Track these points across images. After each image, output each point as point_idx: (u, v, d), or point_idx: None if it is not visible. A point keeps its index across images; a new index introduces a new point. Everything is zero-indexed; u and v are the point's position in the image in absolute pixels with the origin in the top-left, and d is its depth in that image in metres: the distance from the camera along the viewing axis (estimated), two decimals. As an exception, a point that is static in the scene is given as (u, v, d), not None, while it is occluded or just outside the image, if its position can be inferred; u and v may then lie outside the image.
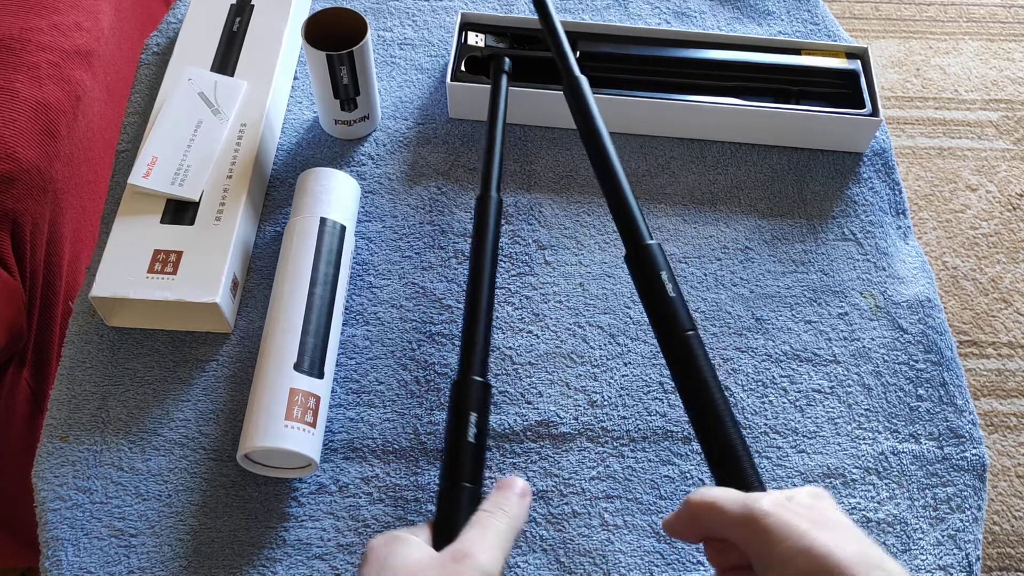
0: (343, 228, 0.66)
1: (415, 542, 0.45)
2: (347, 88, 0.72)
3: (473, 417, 0.49)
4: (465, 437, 0.49)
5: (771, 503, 0.43)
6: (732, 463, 0.48)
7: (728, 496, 0.45)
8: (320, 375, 0.60)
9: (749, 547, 0.43)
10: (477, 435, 0.49)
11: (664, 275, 0.51)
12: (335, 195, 0.67)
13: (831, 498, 0.47)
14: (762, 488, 0.47)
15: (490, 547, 0.44)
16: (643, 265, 0.52)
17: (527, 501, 0.48)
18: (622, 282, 0.70)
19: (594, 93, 0.75)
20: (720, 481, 0.48)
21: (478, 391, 0.50)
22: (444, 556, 0.43)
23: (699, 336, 0.50)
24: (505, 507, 0.46)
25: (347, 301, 0.68)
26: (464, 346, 0.52)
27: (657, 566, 0.59)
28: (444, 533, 0.46)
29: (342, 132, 0.77)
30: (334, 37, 0.71)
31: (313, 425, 0.58)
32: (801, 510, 0.44)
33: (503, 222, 0.73)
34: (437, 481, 0.50)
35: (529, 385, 0.65)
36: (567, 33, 0.80)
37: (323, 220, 0.65)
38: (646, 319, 0.68)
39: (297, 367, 0.59)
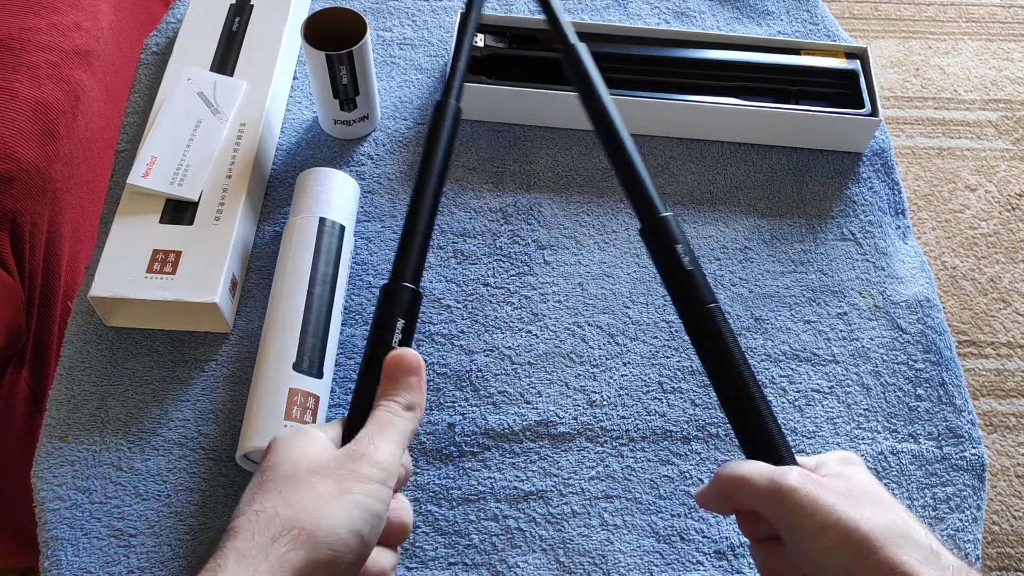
0: (342, 228, 0.66)
1: (319, 439, 0.44)
2: (346, 88, 0.72)
3: (400, 323, 0.47)
4: (388, 342, 0.47)
5: (799, 478, 0.43)
6: (762, 437, 0.47)
7: (756, 470, 0.45)
8: (319, 375, 0.60)
9: (778, 521, 0.44)
10: (402, 342, 0.47)
11: (680, 248, 0.50)
12: (334, 195, 0.67)
13: (861, 462, 0.47)
14: (792, 460, 0.47)
15: (387, 443, 0.43)
16: (658, 238, 0.51)
17: (421, 380, 0.47)
18: (621, 282, 0.70)
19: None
20: (750, 455, 0.48)
21: (407, 298, 0.48)
22: (341, 455, 0.42)
23: (721, 309, 0.49)
24: (399, 398, 0.45)
25: (346, 301, 0.68)
26: (399, 251, 0.50)
27: (657, 566, 0.59)
28: (352, 432, 0.45)
29: (341, 132, 0.77)
30: (333, 37, 0.71)
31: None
32: (830, 482, 0.44)
33: (506, 222, 0.73)
34: (354, 387, 0.49)
35: (528, 385, 0.65)
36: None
37: (322, 220, 0.65)
38: (645, 319, 0.68)
39: (296, 367, 0.59)
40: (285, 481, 0.41)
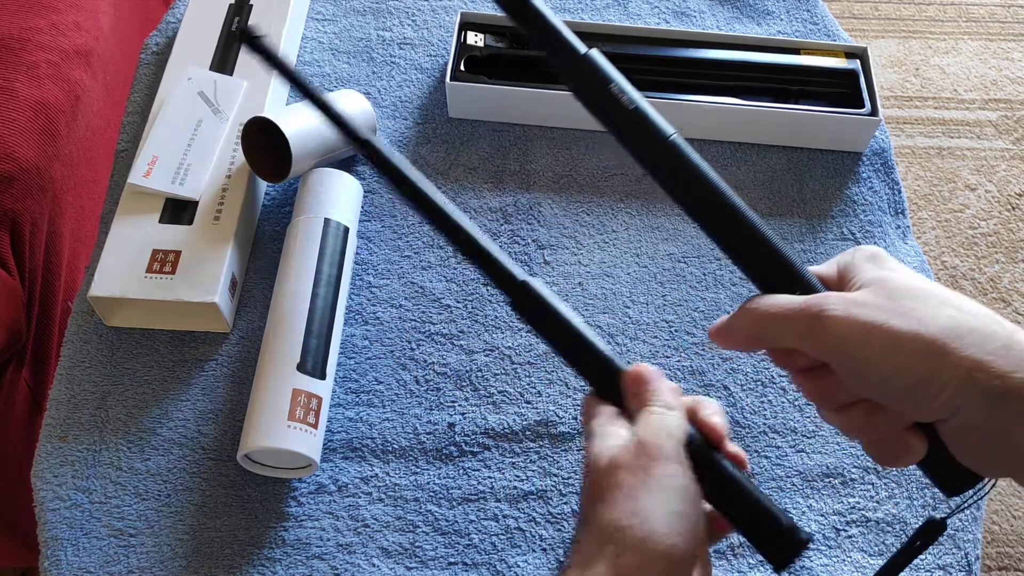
0: (346, 229, 0.66)
1: (610, 432, 0.42)
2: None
3: (561, 314, 0.42)
4: (573, 326, 0.43)
5: (838, 303, 0.39)
6: (780, 266, 0.42)
7: (788, 304, 0.40)
8: (322, 376, 0.60)
9: (824, 355, 0.39)
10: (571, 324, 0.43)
11: (614, 87, 0.43)
12: (339, 196, 0.67)
13: (887, 254, 0.42)
14: (815, 286, 0.42)
15: (665, 436, 0.40)
16: (587, 78, 0.43)
17: (662, 384, 0.43)
18: (621, 282, 0.70)
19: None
20: (768, 288, 0.42)
21: (533, 291, 0.42)
22: (635, 448, 0.40)
23: (683, 140, 0.43)
24: (656, 401, 0.42)
25: (347, 301, 0.68)
26: (483, 264, 0.43)
27: (656, 566, 0.59)
28: (614, 398, 0.43)
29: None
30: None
31: (315, 426, 0.58)
32: (868, 297, 0.39)
33: (506, 222, 0.73)
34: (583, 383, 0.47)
35: (528, 384, 0.65)
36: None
37: (327, 221, 0.65)
38: (645, 319, 0.68)
39: (300, 368, 0.59)
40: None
